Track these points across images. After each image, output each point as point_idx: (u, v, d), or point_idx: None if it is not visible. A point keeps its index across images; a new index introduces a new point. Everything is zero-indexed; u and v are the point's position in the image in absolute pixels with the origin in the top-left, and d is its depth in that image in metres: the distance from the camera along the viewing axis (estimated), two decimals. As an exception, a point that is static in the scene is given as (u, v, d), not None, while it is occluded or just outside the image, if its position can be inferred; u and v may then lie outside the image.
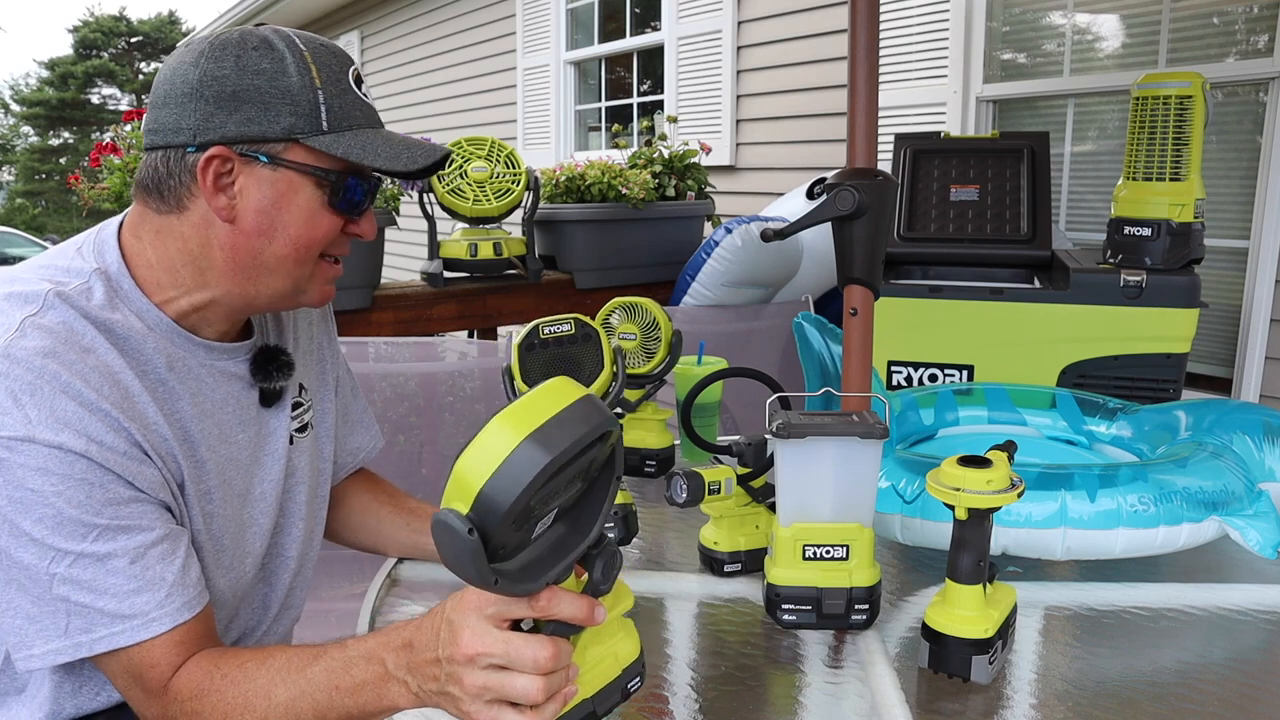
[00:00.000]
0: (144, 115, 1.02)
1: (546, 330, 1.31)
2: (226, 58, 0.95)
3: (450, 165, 2.90)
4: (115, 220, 1.04)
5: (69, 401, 0.87)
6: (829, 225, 1.54)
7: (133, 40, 32.14)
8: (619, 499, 1.29)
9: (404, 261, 5.93)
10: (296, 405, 1.16)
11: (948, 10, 3.52)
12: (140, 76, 31.61)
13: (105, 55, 31.52)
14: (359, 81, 1.02)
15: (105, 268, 0.98)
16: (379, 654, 0.84)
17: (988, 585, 1.03)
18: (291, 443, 1.14)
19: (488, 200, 2.89)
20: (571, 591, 0.78)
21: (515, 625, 0.78)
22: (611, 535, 1.28)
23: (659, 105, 5.20)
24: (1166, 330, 2.22)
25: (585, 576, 0.80)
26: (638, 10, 5.44)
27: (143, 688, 0.91)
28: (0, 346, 0.87)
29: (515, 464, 0.67)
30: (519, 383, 1.29)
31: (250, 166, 0.96)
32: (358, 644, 0.86)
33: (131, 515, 0.90)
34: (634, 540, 1.41)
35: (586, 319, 1.33)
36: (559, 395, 0.72)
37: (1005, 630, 1.04)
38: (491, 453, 0.68)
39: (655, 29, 5.22)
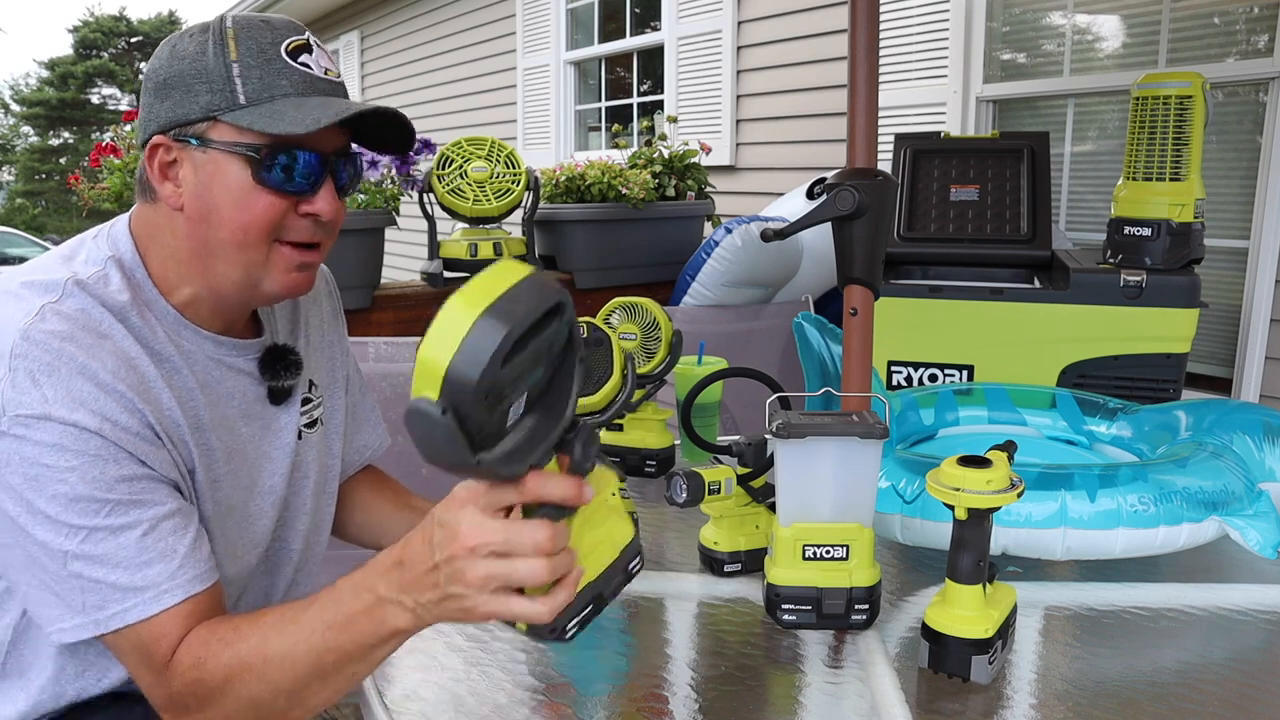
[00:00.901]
0: None
1: None
2: (165, 49, 0.98)
3: (449, 165, 2.90)
4: (127, 214, 1.06)
5: (85, 382, 0.89)
6: (829, 225, 1.54)
7: (133, 40, 32.14)
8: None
9: (404, 261, 5.93)
10: (306, 401, 1.16)
11: (948, 10, 3.52)
12: (140, 76, 31.57)
13: (105, 55, 31.52)
14: (299, 51, 0.98)
15: (119, 255, 1.00)
16: (367, 582, 0.83)
17: (988, 585, 1.03)
18: (300, 438, 1.15)
19: (488, 200, 2.89)
20: (555, 473, 0.77)
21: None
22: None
23: (659, 105, 5.20)
24: (1166, 330, 2.22)
25: (566, 463, 0.79)
26: (638, 10, 5.44)
27: (151, 667, 0.91)
28: (20, 329, 0.89)
29: (477, 338, 0.67)
30: None
31: (186, 152, 0.97)
32: (346, 579, 0.86)
33: (144, 490, 0.91)
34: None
35: (599, 323, 1.32)
36: (507, 273, 0.71)
37: (1005, 630, 1.04)
38: (451, 332, 0.68)
39: (655, 29, 5.22)
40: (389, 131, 1.04)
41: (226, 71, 0.95)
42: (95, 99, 31.34)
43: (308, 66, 0.98)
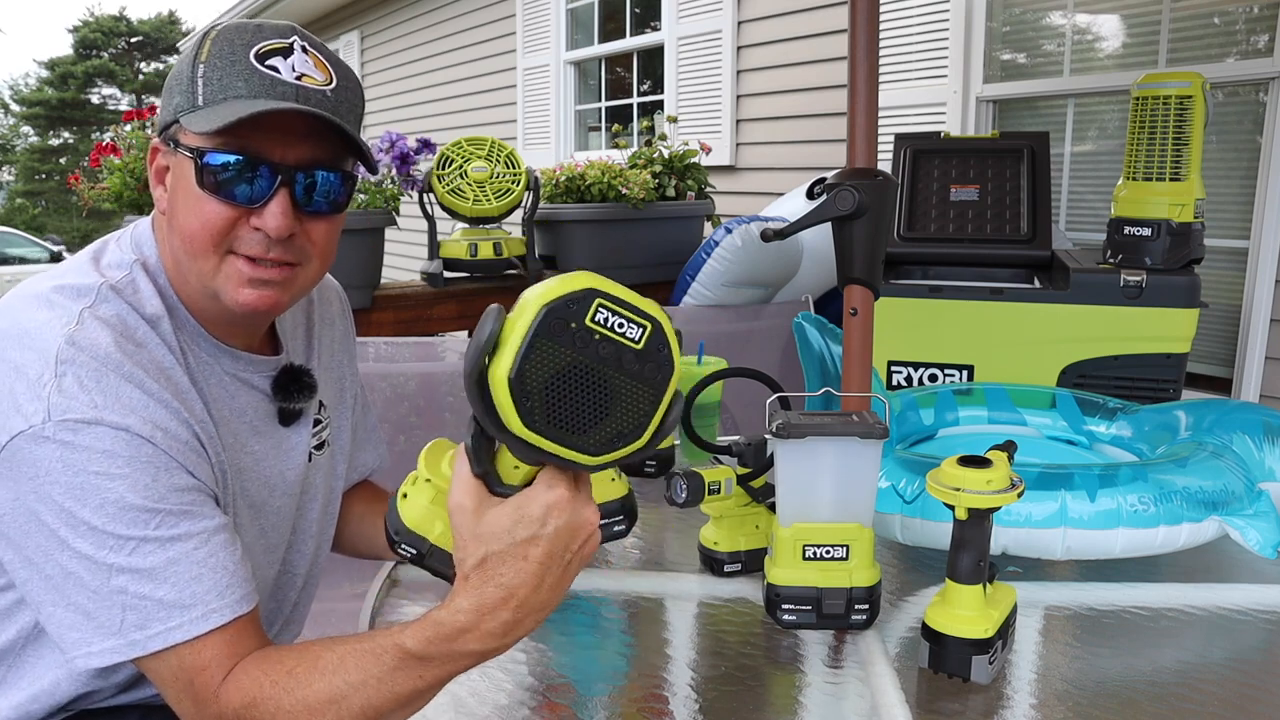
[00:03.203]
0: None
1: None
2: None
3: (449, 165, 2.90)
4: (149, 216, 1.04)
5: (134, 390, 0.87)
6: (829, 225, 1.54)
7: (133, 40, 32.13)
8: (621, 490, 1.24)
9: (404, 261, 5.93)
10: (316, 423, 1.15)
11: (948, 10, 3.52)
12: (140, 76, 31.62)
13: (105, 55, 31.51)
14: (272, 55, 0.93)
15: (144, 259, 0.99)
16: (454, 649, 0.81)
17: (988, 585, 1.03)
18: (309, 460, 1.13)
19: (488, 200, 2.89)
20: None
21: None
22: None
23: (659, 105, 5.20)
24: (1166, 330, 2.22)
25: None
26: (638, 10, 5.44)
27: (193, 697, 0.86)
28: (65, 335, 0.87)
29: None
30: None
31: (167, 156, 0.97)
32: (423, 643, 0.81)
33: (194, 503, 0.89)
34: (634, 540, 1.41)
35: None
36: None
37: (1005, 630, 1.04)
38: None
39: (655, 29, 5.22)
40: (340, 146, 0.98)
41: (192, 73, 0.93)
42: (95, 99, 31.36)
43: (275, 70, 0.92)
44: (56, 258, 13.77)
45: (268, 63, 0.93)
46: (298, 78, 0.94)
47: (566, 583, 0.81)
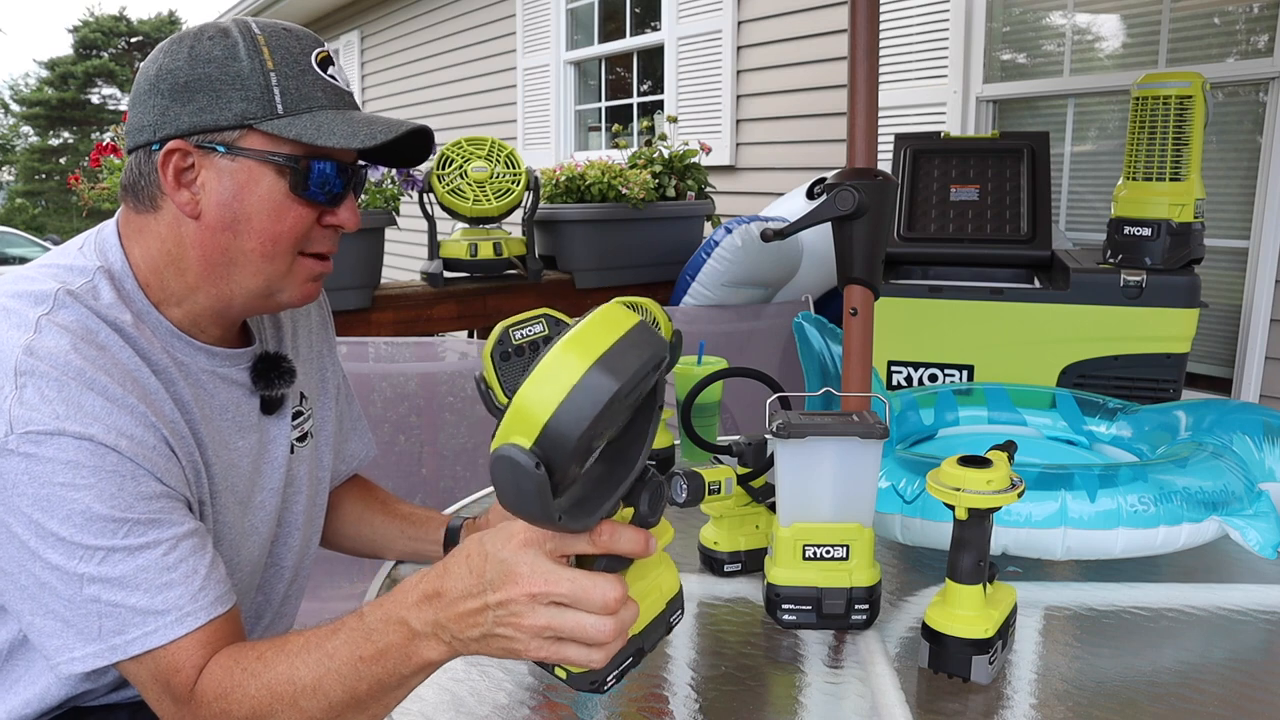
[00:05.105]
0: None
1: (518, 335, 1.20)
2: (180, 50, 0.95)
3: (449, 165, 2.90)
4: (112, 221, 1.03)
5: (96, 397, 0.86)
6: (829, 225, 1.54)
7: (133, 40, 32.13)
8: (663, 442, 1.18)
9: (404, 261, 5.94)
10: (297, 414, 1.15)
11: (948, 10, 3.52)
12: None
13: (105, 55, 31.51)
14: (326, 63, 0.98)
15: (109, 266, 0.98)
16: (399, 615, 0.80)
17: (988, 585, 1.03)
18: (292, 452, 1.13)
19: (488, 200, 2.89)
20: (627, 525, 0.74)
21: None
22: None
23: (659, 105, 5.20)
24: (1166, 330, 2.22)
25: (629, 510, 0.77)
26: (638, 10, 5.44)
27: (172, 696, 0.88)
28: (22, 345, 0.86)
29: (584, 392, 0.64)
30: (499, 395, 1.20)
31: (209, 158, 0.94)
32: (374, 609, 0.82)
33: (163, 510, 0.88)
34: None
35: (559, 314, 1.25)
36: (616, 322, 0.68)
37: (1005, 630, 1.04)
38: (558, 381, 0.64)
39: (655, 29, 5.22)
40: (406, 147, 1.02)
41: (265, 79, 0.93)
42: (95, 99, 31.34)
43: (334, 79, 0.98)
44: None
45: (328, 71, 0.98)
46: (345, 85, 1.00)
47: (481, 625, 0.75)
